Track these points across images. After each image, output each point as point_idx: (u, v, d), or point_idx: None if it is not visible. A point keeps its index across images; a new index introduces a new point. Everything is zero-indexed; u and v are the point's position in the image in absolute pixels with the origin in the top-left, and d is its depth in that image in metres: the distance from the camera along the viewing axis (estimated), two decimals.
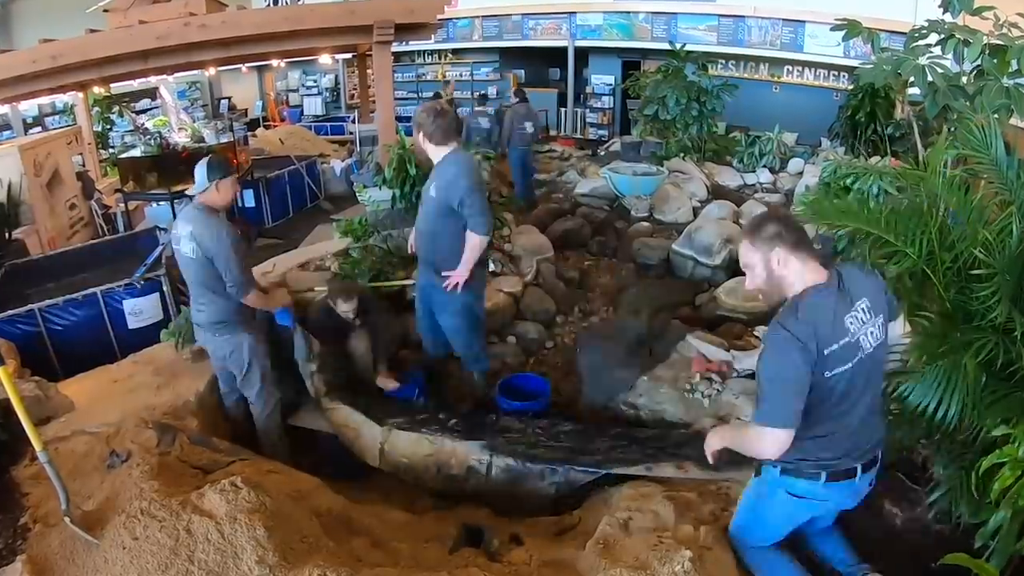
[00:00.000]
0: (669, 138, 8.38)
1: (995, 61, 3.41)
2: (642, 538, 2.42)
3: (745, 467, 2.31)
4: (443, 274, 3.32)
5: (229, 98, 15.86)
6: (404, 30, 7.02)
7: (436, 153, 3.27)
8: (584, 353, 4.00)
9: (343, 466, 3.25)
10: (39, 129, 10.88)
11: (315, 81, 16.85)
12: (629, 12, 11.38)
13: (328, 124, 13.96)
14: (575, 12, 11.96)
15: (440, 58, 14.97)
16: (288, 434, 3.37)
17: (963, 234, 2.27)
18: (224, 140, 8.12)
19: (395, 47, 7.55)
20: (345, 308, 3.52)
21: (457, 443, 3.08)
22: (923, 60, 3.56)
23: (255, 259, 3.72)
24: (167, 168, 7.59)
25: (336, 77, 16.57)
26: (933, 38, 3.63)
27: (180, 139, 8.07)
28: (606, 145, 10.35)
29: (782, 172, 7.67)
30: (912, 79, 3.54)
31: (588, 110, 12.87)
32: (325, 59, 11.43)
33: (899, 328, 2.08)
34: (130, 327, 4.71)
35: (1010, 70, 3.29)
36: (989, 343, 2.01)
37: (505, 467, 2.99)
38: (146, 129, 8.40)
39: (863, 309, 1.84)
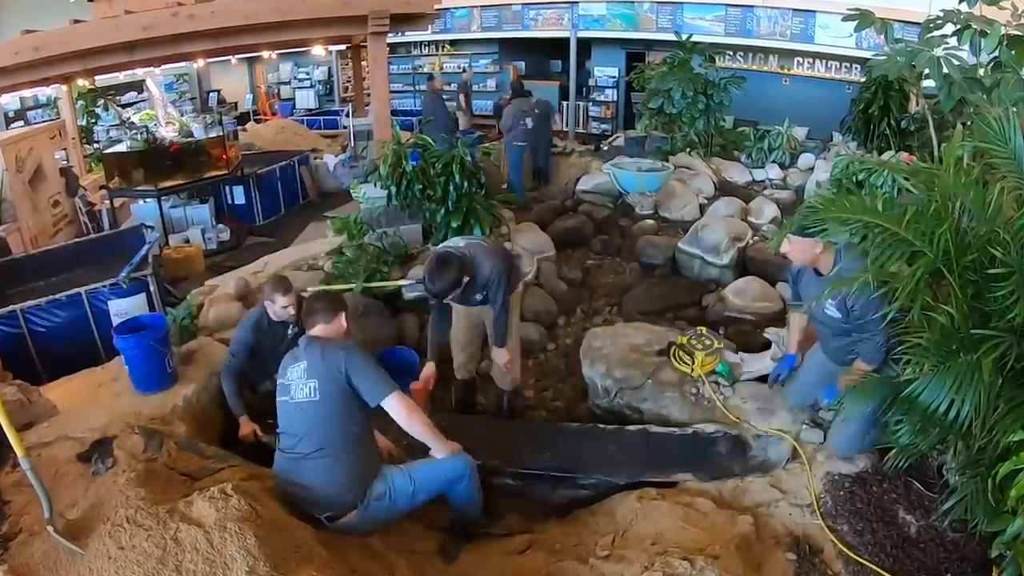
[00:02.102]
0: (675, 132, 8.36)
1: (1013, 52, 3.41)
2: (646, 546, 2.43)
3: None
4: None
5: (218, 91, 15.85)
6: (400, 20, 7.03)
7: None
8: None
9: None
10: (21, 123, 10.87)
11: (307, 73, 16.83)
12: (633, 2, 11.37)
13: (321, 118, 13.96)
14: (577, 2, 11.95)
15: (437, 49, 14.97)
16: None
17: (980, 232, 2.27)
18: (213, 135, 8.12)
19: (390, 38, 7.56)
20: (284, 303, 3.22)
21: None
22: (938, 51, 3.57)
23: (245, 258, 3.70)
24: (154, 164, 7.59)
25: (329, 69, 16.55)
26: (949, 29, 3.63)
27: (168, 133, 8.06)
28: (609, 140, 10.35)
29: (792, 168, 7.67)
30: (927, 71, 3.55)
31: (591, 103, 12.85)
32: (318, 50, 11.41)
33: None
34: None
35: None
36: (1005, 343, 2.01)
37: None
38: (132, 123, 8.39)
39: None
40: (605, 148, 9.38)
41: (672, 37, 9.18)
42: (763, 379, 3.52)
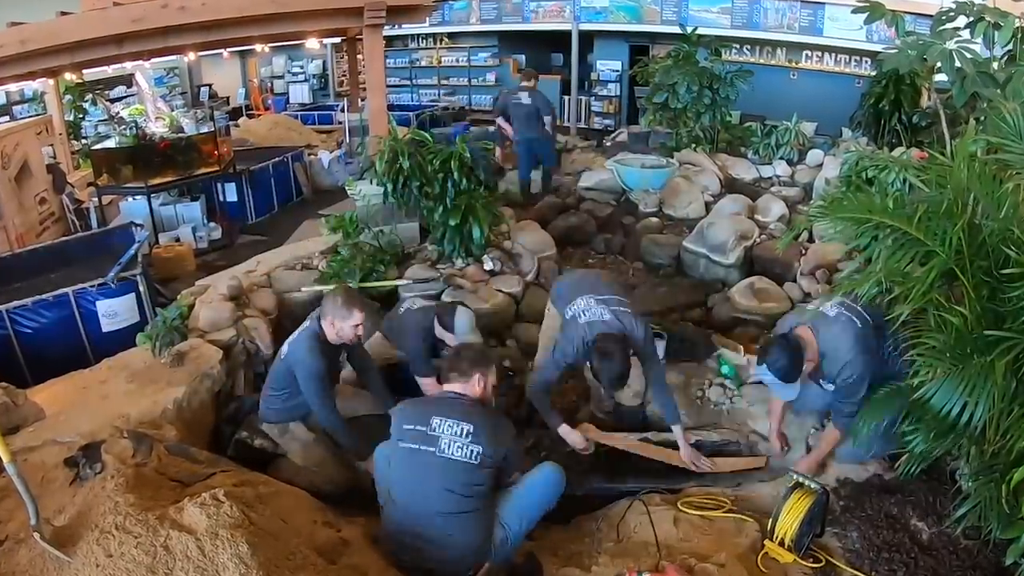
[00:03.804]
0: (679, 128, 8.35)
1: None
2: (650, 553, 2.42)
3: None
4: None
5: (210, 85, 15.84)
6: (396, 12, 7.03)
7: None
8: None
9: None
10: (7, 118, 10.86)
11: (301, 67, 16.85)
12: None
13: (315, 113, 13.95)
14: None
15: (435, 43, 14.98)
16: None
17: (993, 231, 2.27)
18: (204, 130, 8.12)
19: (387, 31, 7.56)
20: (358, 320, 2.99)
21: None
22: (951, 44, 3.56)
23: (237, 257, 3.69)
24: (144, 160, 7.58)
25: (324, 63, 16.58)
26: (961, 21, 3.63)
27: (157, 129, 8.05)
28: (612, 135, 10.35)
29: (800, 164, 7.65)
30: (939, 65, 3.54)
31: (593, 98, 12.86)
32: (312, 44, 11.41)
33: None
34: (104, 330, 4.72)
35: None
36: (1019, 346, 2.01)
37: None
38: (121, 118, 8.38)
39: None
40: (608, 144, 9.38)
41: (677, 30, 9.17)
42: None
